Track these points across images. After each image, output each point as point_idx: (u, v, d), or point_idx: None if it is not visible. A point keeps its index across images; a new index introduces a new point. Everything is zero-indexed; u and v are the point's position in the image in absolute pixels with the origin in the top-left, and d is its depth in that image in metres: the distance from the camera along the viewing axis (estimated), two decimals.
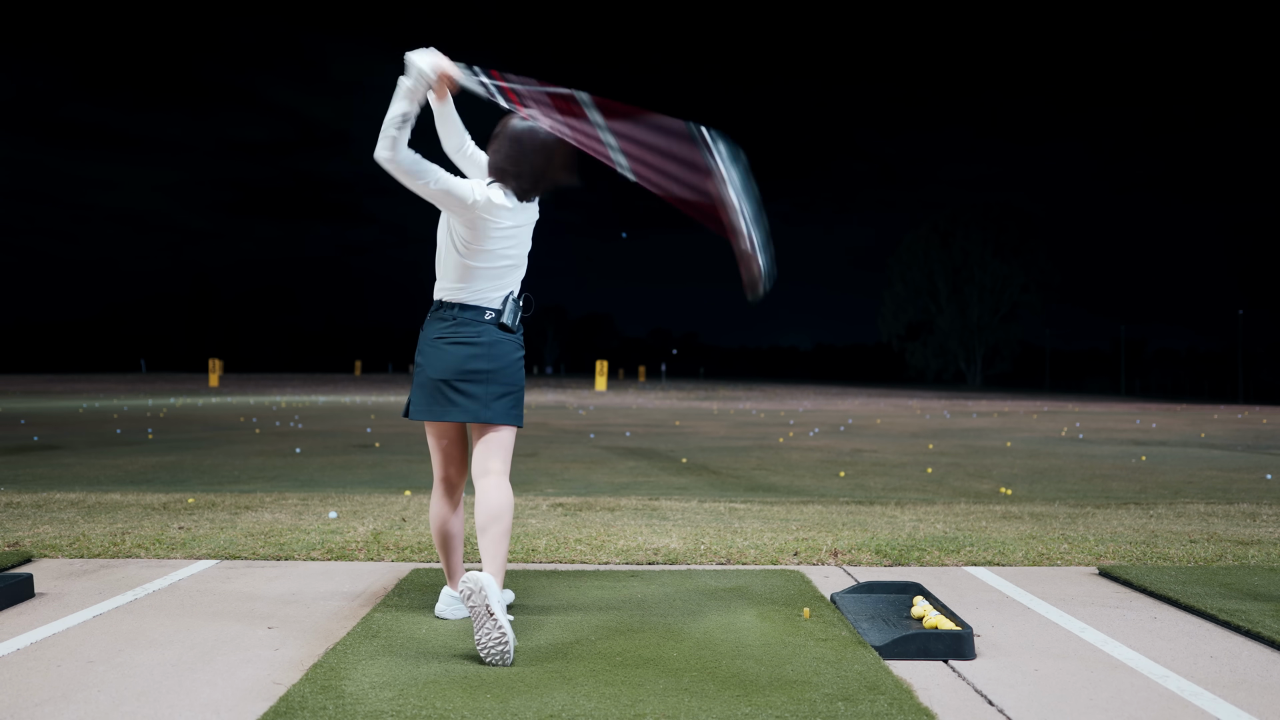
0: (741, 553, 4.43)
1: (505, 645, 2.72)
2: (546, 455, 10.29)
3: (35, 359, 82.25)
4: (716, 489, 7.53)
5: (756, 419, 19.23)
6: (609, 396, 32.23)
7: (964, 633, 2.93)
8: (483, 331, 3.08)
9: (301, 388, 37.64)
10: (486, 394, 3.07)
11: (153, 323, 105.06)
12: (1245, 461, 10.97)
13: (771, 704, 2.44)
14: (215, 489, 7.00)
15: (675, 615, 3.34)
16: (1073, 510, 6.10)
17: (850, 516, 5.61)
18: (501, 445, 3.14)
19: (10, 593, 3.40)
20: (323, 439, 12.52)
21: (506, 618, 2.79)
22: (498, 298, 3.12)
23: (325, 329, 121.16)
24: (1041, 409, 27.07)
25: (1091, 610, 3.51)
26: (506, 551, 3.04)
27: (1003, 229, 69.30)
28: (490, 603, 2.74)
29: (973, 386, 65.29)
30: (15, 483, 7.35)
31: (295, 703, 2.42)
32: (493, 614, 2.73)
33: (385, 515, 5.41)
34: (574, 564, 4.25)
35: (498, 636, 2.72)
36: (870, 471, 9.15)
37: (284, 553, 4.35)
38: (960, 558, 4.43)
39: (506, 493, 3.08)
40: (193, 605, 3.46)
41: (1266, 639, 3.07)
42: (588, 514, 5.58)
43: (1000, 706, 2.51)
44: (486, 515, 3.02)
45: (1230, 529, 5.36)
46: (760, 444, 12.58)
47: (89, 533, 4.77)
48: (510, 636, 2.74)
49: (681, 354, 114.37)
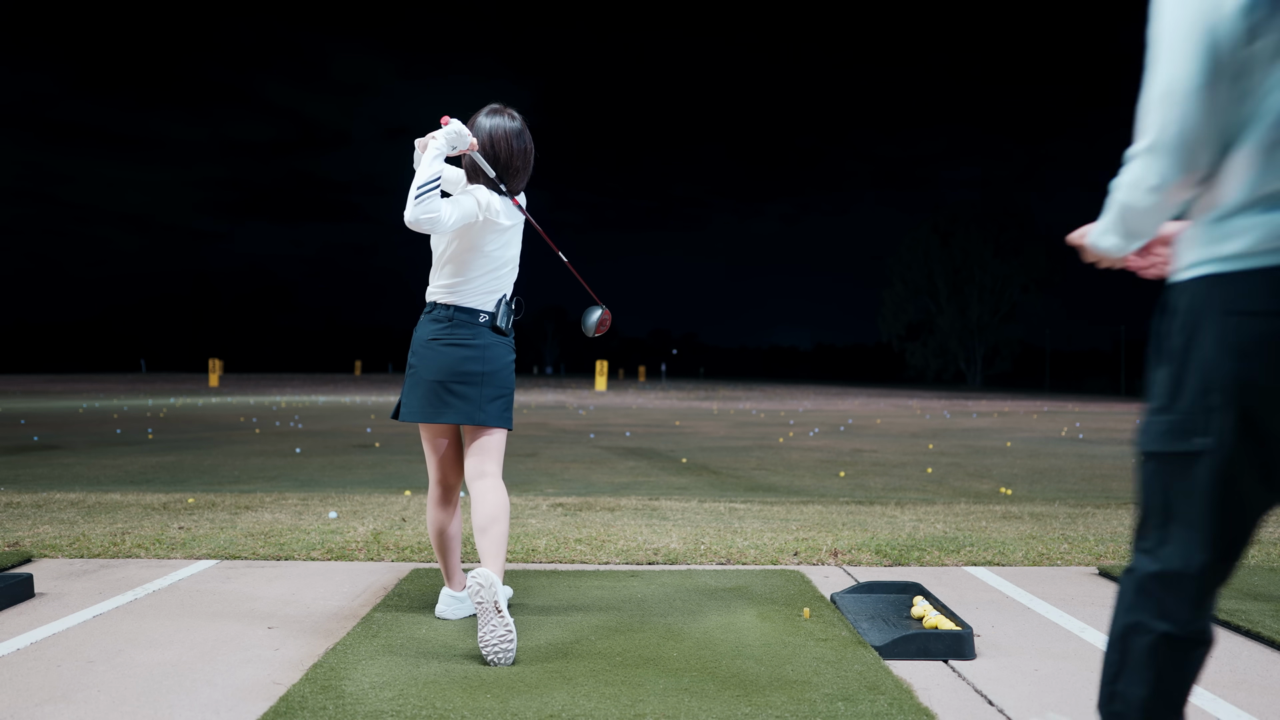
0: (741, 553, 4.43)
1: (510, 643, 2.73)
2: (546, 455, 10.29)
3: (35, 359, 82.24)
4: (716, 489, 7.52)
5: (756, 419, 19.23)
6: (609, 396, 32.22)
7: (964, 633, 2.93)
8: (478, 334, 3.09)
9: (301, 388, 37.63)
10: (481, 396, 3.08)
11: (153, 323, 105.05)
12: None
13: (771, 704, 2.44)
14: (215, 489, 7.00)
15: (675, 615, 3.34)
16: (1073, 510, 6.10)
17: (850, 516, 5.61)
18: (495, 448, 3.15)
19: (10, 593, 3.40)
20: (323, 439, 12.52)
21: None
22: (491, 300, 3.13)
23: (325, 329, 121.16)
24: (1041, 409, 27.08)
25: (1091, 610, 3.51)
26: (505, 552, 3.05)
27: (1003, 229, 69.28)
28: (499, 600, 2.76)
29: (973, 386, 65.25)
30: (15, 483, 7.35)
31: (295, 703, 2.42)
32: (500, 611, 2.74)
33: (385, 515, 5.41)
34: (574, 564, 4.25)
35: (504, 634, 2.73)
36: (870, 471, 9.15)
37: (284, 553, 4.35)
38: (960, 558, 4.43)
39: (503, 494, 3.09)
40: (193, 605, 3.46)
41: (1266, 639, 3.08)
42: (588, 514, 5.58)
43: (1000, 706, 2.51)
44: (486, 517, 3.02)
45: None
46: (760, 444, 12.57)
47: (89, 533, 4.77)
48: (514, 634, 2.76)
49: (681, 354, 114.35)
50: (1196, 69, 1.48)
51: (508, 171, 3.11)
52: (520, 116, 3.17)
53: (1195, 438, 1.51)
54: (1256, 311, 1.47)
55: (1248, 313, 1.48)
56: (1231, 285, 1.50)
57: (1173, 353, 1.57)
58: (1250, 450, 1.49)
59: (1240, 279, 1.49)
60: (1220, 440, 1.49)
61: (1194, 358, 1.53)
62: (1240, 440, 1.49)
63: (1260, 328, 1.47)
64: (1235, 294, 1.49)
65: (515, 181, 3.14)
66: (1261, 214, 1.48)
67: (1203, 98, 1.48)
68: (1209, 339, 1.51)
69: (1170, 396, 1.56)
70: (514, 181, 3.14)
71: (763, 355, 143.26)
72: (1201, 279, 1.53)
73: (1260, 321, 1.47)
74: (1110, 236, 1.71)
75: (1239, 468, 1.49)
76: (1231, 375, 1.48)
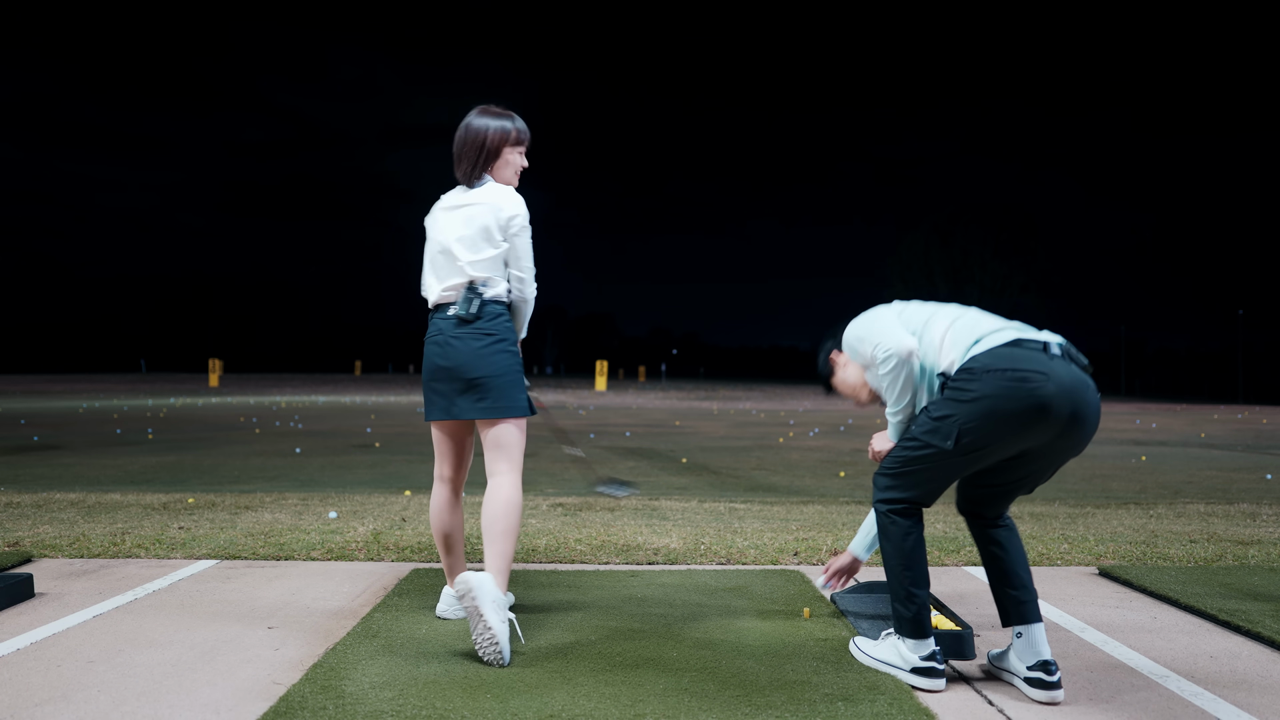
0: (741, 553, 4.43)
1: (495, 645, 2.72)
2: (546, 455, 10.29)
3: (35, 359, 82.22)
4: (716, 489, 7.52)
5: (756, 419, 19.22)
6: (609, 396, 32.21)
7: (964, 633, 2.93)
8: (495, 328, 3.08)
9: (301, 388, 37.62)
10: (500, 387, 3.06)
11: (153, 323, 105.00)
12: (1245, 461, 10.97)
13: (771, 704, 2.44)
14: (215, 489, 7.00)
15: (675, 615, 3.34)
16: (1073, 510, 6.10)
17: (850, 516, 5.61)
18: (511, 442, 3.10)
19: (10, 593, 3.40)
20: (323, 439, 12.51)
21: (500, 617, 2.76)
22: (505, 299, 3.13)
23: (325, 329, 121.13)
24: None
25: (1091, 610, 3.51)
26: (510, 552, 3.01)
27: (1003, 229, 69.24)
28: (480, 604, 2.74)
29: None
30: (15, 483, 7.35)
31: (295, 703, 2.42)
32: (482, 615, 2.73)
33: (385, 515, 5.41)
34: (574, 564, 4.25)
35: (489, 637, 2.72)
36: (870, 471, 9.15)
37: (284, 553, 4.35)
38: (960, 558, 4.43)
39: (508, 491, 3.05)
40: (193, 605, 3.46)
41: (1266, 639, 3.07)
42: (588, 514, 5.58)
43: (1000, 707, 2.51)
44: (489, 514, 3.02)
45: (1230, 529, 5.36)
46: (760, 444, 12.57)
47: (89, 533, 4.77)
48: (498, 636, 2.72)
49: (681, 354, 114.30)
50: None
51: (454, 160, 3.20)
52: (493, 110, 3.20)
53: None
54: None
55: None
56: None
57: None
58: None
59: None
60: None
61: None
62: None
63: None
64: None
65: (457, 169, 3.19)
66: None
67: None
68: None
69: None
70: (456, 170, 3.20)
71: (763, 355, 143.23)
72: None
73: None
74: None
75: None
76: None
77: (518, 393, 3.09)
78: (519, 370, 3.12)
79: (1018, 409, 2.46)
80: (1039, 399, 2.45)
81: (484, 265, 3.08)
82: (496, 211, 3.08)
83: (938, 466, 2.61)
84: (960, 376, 2.56)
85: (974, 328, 2.67)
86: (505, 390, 3.06)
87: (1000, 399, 2.47)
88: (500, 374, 3.06)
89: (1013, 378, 2.47)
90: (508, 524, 3.01)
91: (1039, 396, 2.44)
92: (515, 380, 3.09)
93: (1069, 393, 2.46)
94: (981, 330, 2.65)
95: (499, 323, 3.09)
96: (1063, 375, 2.48)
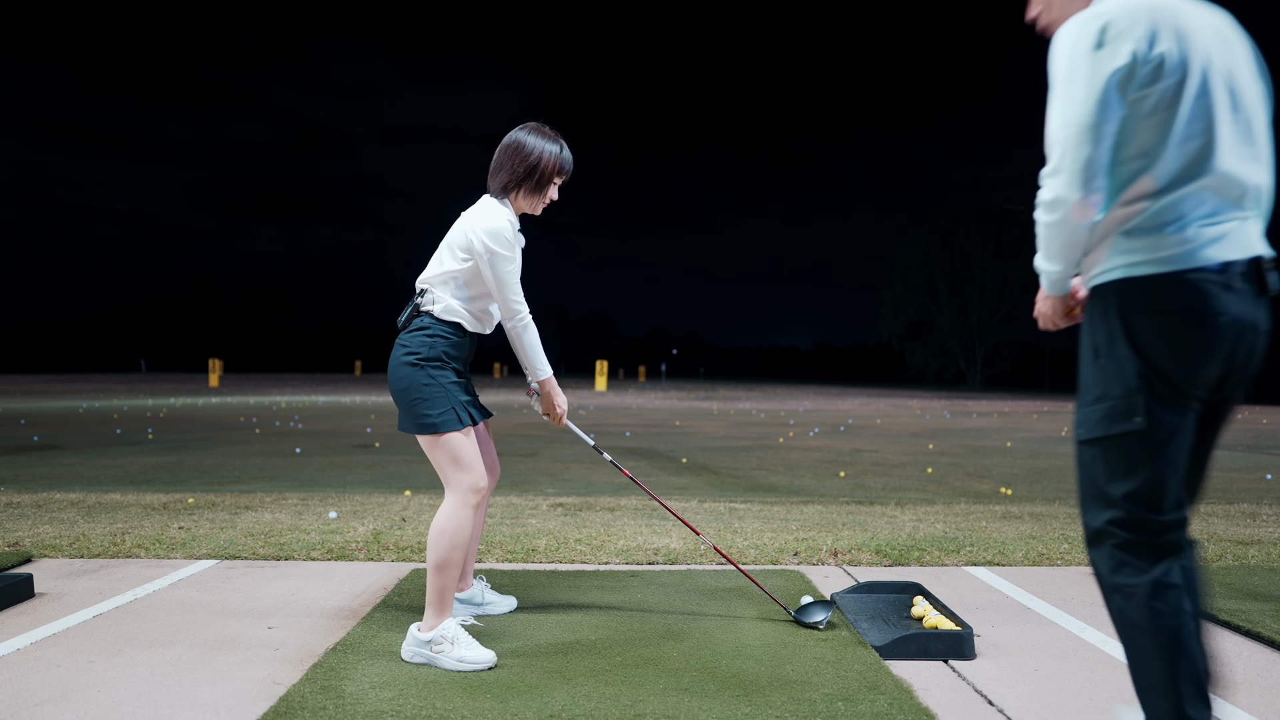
0: (741, 553, 4.43)
1: (464, 665, 2.73)
2: (546, 455, 10.29)
3: (35, 359, 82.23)
4: (716, 489, 7.52)
5: (756, 419, 19.23)
6: (609, 396, 32.21)
7: (964, 633, 2.93)
8: (410, 340, 3.01)
9: (301, 388, 37.63)
10: (404, 403, 3.00)
11: (153, 323, 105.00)
12: (1245, 461, 10.97)
13: (771, 704, 2.44)
14: (215, 489, 7.00)
15: (675, 615, 3.34)
16: (1073, 510, 6.10)
17: (850, 516, 5.61)
18: (436, 460, 2.94)
19: (10, 593, 3.40)
20: (323, 439, 12.52)
21: (466, 640, 2.78)
22: (443, 316, 3.10)
23: (325, 329, 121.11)
24: (1041, 409, 27.06)
25: (1091, 610, 3.51)
26: (441, 585, 2.83)
27: (1003, 229, 69.25)
28: (429, 661, 2.77)
29: (973, 386, 65.23)
30: (15, 483, 7.35)
31: (295, 703, 2.42)
32: (438, 665, 2.76)
33: (385, 515, 5.41)
34: (574, 564, 4.25)
35: (464, 669, 2.73)
36: (870, 471, 9.15)
37: (284, 553, 4.35)
38: (960, 558, 4.43)
39: (437, 519, 2.89)
40: (192, 605, 3.46)
41: (1266, 639, 3.08)
42: (588, 514, 5.58)
43: (1000, 706, 2.51)
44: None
45: (1230, 529, 5.36)
46: (760, 444, 12.57)
47: (89, 533, 4.77)
48: (470, 662, 2.74)
49: (681, 354, 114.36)
50: (1089, 109, 1.81)
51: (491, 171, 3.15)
52: (547, 132, 3.13)
53: (1135, 418, 1.86)
54: (1157, 310, 1.83)
55: (1152, 312, 1.83)
56: (1137, 288, 1.85)
57: (1098, 349, 1.92)
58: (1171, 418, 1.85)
59: (1144, 283, 1.84)
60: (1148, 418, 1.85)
61: (1118, 353, 1.87)
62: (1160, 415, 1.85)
63: (1159, 324, 1.82)
64: (1140, 296, 1.84)
65: (491, 179, 3.13)
66: (1157, 232, 1.83)
67: (1096, 133, 1.81)
68: (1124, 336, 1.86)
69: (1104, 387, 1.90)
70: (490, 179, 3.13)
71: (763, 355, 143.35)
72: (1113, 283, 1.88)
73: (1159, 319, 1.83)
74: (1044, 263, 1.98)
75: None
76: (1145, 365, 1.84)
77: (424, 407, 2.87)
78: (427, 384, 2.89)
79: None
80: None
81: (435, 277, 3.01)
82: (469, 230, 2.98)
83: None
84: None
85: None
86: (410, 405, 2.90)
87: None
88: (404, 388, 2.91)
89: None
90: (435, 556, 2.83)
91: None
92: (422, 394, 2.88)
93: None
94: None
95: (417, 335, 2.94)
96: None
